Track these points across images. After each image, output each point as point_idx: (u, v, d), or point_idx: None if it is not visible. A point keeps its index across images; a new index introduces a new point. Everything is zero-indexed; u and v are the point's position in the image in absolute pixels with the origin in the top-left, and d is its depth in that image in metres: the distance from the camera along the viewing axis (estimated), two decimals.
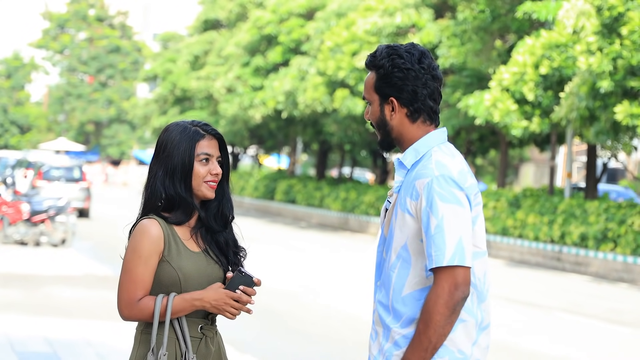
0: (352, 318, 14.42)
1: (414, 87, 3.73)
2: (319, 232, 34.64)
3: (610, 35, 21.04)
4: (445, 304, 3.54)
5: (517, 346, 12.74)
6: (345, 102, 32.10)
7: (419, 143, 3.76)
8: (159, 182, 3.91)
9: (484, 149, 34.37)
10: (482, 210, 3.75)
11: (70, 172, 34.40)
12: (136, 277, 3.83)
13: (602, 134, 21.99)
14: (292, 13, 39.26)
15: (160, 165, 3.93)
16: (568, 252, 24.20)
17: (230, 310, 3.87)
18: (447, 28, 28.67)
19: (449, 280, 3.55)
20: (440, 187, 3.61)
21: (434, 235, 3.57)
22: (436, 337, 3.56)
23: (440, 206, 3.59)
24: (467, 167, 3.73)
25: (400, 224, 3.70)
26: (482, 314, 3.73)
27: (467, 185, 3.65)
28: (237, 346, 11.05)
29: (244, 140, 51.24)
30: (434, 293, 3.56)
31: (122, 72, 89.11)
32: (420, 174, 3.67)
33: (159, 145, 3.95)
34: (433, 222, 3.58)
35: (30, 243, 21.80)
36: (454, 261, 3.55)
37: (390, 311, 3.71)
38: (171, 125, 3.97)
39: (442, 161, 3.67)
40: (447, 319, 3.55)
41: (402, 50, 3.75)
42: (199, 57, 51.97)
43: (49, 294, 14.70)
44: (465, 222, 3.60)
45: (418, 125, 3.77)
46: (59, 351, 10.22)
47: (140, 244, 3.84)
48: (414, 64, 3.73)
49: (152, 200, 3.92)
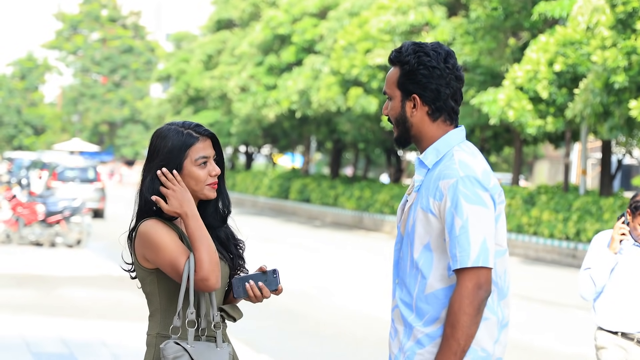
0: (368, 318, 14.40)
1: (438, 86, 3.73)
2: (333, 231, 34.63)
3: (625, 30, 20.96)
4: (471, 304, 3.55)
5: (532, 344, 12.71)
6: (359, 101, 32.07)
7: (439, 142, 3.75)
8: (149, 184, 3.89)
9: (498, 146, 34.29)
10: (504, 208, 3.76)
11: (84, 172, 34.48)
12: (176, 247, 3.80)
13: (616, 130, 21.92)
14: (305, 12, 39.24)
15: (153, 169, 3.90)
16: (583, 249, 24.13)
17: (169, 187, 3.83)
18: (460, 26, 28.62)
19: (473, 280, 3.56)
20: (465, 187, 3.61)
21: (459, 236, 3.58)
22: (464, 339, 3.56)
23: (465, 207, 3.59)
24: (488, 167, 3.73)
25: (423, 224, 3.70)
26: (503, 311, 3.73)
27: (491, 185, 3.66)
28: (253, 346, 11.06)
29: (257, 140, 51.26)
30: (458, 294, 3.57)
31: (136, 72, 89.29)
32: (444, 174, 3.66)
33: (152, 150, 3.92)
34: (458, 222, 3.59)
35: (45, 244, 21.85)
36: (478, 262, 3.56)
37: (413, 309, 3.71)
38: (163, 128, 3.93)
39: (465, 161, 3.67)
40: (473, 319, 3.56)
41: (428, 48, 3.75)
42: (212, 56, 52.01)
43: (64, 295, 14.73)
44: (489, 223, 3.62)
45: (438, 125, 3.77)
46: (74, 352, 10.24)
47: (156, 232, 3.83)
48: (439, 62, 3.72)
49: (149, 205, 3.89)
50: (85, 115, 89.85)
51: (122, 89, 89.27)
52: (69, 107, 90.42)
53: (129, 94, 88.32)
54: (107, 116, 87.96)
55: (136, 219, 3.94)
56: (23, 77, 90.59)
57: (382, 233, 34.38)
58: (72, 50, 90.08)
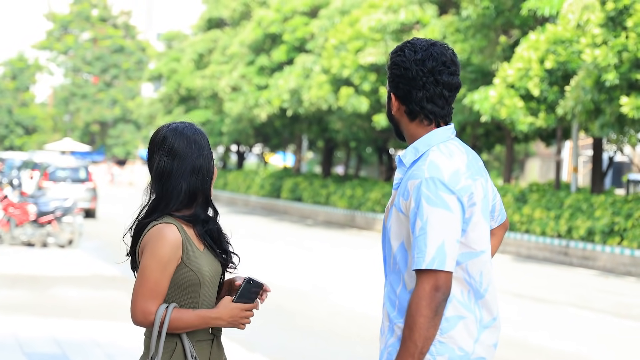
0: (361, 316, 14.42)
1: (409, 88, 3.71)
2: (325, 229, 34.64)
3: (615, 28, 21.00)
4: (428, 306, 3.52)
5: (524, 341, 12.73)
6: (350, 100, 32.09)
7: (419, 141, 3.74)
8: (180, 179, 3.89)
9: (490, 144, 34.35)
10: (480, 210, 3.68)
11: (76, 172, 34.43)
12: (154, 284, 3.82)
13: (607, 127, 21.97)
14: (296, 11, 39.27)
15: (181, 164, 3.90)
16: (575, 247, 24.18)
17: (245, 322, 3.89)
18: (451, 24, 28.65)
19: (431, 282, 3.53)
20: (428, 189, 3.58)
21: (417, 238, 3.57)
22: (422, 341, 3.53)
23: (426, 209, 3.56)
24: (465, 167, 3.67)
25: (396, 222, 3.71)
26: (481, 311, 3.70)
27: (458, 187, 3.60)
28: (245, 345, 11.06)
29: (249, 139, 51.25)
30: (415, 296, 3.55)
31: (127, 72, 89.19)
32: (412, 175, 3.65)
33: (171, 145, 3.92)
34: (418, 224, 3.57)
35: (37, 244, 21.82)
36: (433, 265, 3.53)
37: (395, 306, 3.71)
38: (177, 125, 3.96)
39: (435, 162, 3.63)
40: (431, 321, 3.53)
41: (408, 48, 3.73)
42: (203, 55, 51.98)
43: (56, 295, 14.71)
44: (451, 226, 3.57)
45: (417, 124, 3.76)
46: (67, 352, 10.23)
47: (161, 249, 3.82)
48: (412, 64, 3.70)
49: (174, 194, 3.90)
50: (77, 115, 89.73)
51: (113, 89, 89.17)
52: (60, 107, 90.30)
53: (120, 94, 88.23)
54: (98, 116, 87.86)
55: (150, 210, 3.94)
56: (14, 77, 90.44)
57: (374, 231, 34.40)
58: (62, 50, 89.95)
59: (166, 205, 3.91)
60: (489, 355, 3.74)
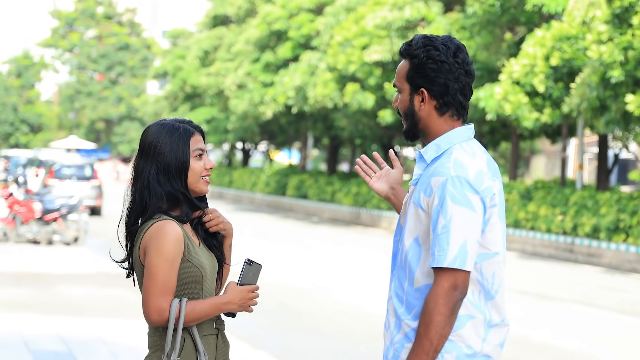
0: (365, 314, 14.41)
1: (446, 81, 3.72)
2: (331, 227, 34.64)
3: (621, 25, 20.97)
4: (445, 304, 3.54)
5: (528, 338, 12.72)
6: (356, 97, 32.06)
7: (441, 138, 3.74)
8: (152, 181, 3.90)
9: (495, 141, 34.31)
10: (497, 212, 3.69)
11: (81, 170, 34.45)
12: (164, 281, 3.82)
13: (613, 124, 21.94)
14: (301, 8, 39.25)
15: (152, 164, 3.91)
16: (580, 244, 24.16)
17: (252, 304, 3.90)
18: (456, 21, 28.63)
19: (450, 280, 3.55)
20: (454, 187, 3.59)
21: (440, 235, 3.57)
22: (437, 339, 3.56)
23: (451, 207, 3.57)
24: (487, 168, 3.69)
25: (413, 218, 3.71)
26: (491, 311, 3.71)
27: (482, 187, 3.62)
28: (250, 343, 11.07)
29: (254, 136, 51.23)
30: (434, 293, 3.56)
31: (132, 70, 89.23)
32: (437, 172, 3.65)
33: (148, 144, 3.93)
34: (441, 221, 3.58)
35: (42, 242, 21.85)
36: (454, 264, 3.55)
37: (403, 302, 3.71)
38: (156, 124, 3.96)
39: (460, 160, 3.65)
40: (447, 319, 3.55)
41: (438, 42, 3.74)
42: (208, 52, 51.95)
43: (62, 293, 14.73)
44: (474, 226, 3.59)
45: (445, 119, 3.76)
46: (73, 349, 10.24)
47: (165, 246, 3.82)
48: (448, 57, 3.72)
49: (154, 200, 3.90)
50: (82, 112, 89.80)
51: (119, 86, 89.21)
52: (65, 105, 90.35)
53: (126, 91, 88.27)
54: (103, 113, 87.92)
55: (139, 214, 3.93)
56: (19, 74, 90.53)
57: (379, 229, 34.39)
58: (68, 47, 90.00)
59: (145, 210, 3.91)
60: (496, 354, 3.76)
